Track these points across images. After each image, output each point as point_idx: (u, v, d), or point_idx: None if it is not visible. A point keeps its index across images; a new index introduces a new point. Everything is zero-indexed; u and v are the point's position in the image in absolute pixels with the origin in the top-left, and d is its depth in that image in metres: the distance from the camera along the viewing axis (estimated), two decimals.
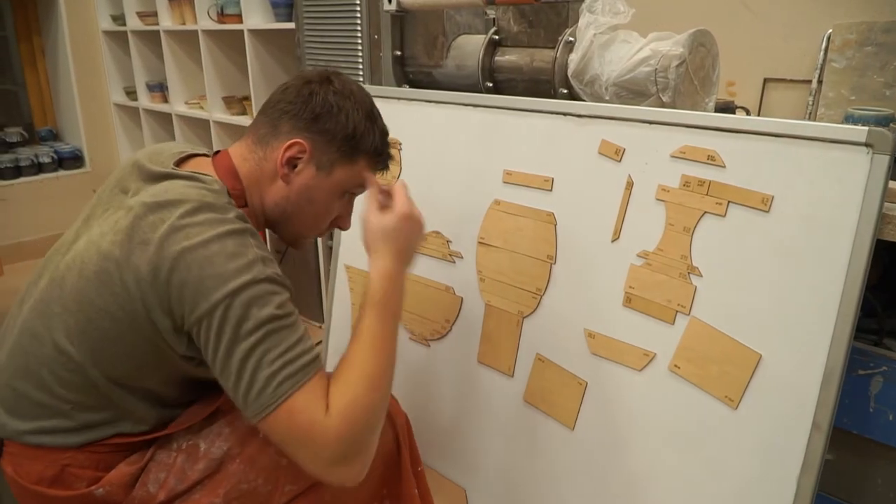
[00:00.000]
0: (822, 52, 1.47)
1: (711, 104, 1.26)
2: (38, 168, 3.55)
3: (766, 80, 1.58)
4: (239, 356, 0.84)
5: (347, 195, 1.07)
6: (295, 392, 0.84)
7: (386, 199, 1.07)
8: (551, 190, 1.26)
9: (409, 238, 1.05)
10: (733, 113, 1.42)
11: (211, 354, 0.86)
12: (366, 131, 1.02)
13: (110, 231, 0.90)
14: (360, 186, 1.07)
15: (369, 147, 1.03)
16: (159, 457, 0.99)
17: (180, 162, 0.99)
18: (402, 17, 1.62)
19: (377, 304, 0.96)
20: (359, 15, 1.64)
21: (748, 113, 1.48)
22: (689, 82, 1.20)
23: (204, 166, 1.00)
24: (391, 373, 0.94)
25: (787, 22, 1.54)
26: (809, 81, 1.51)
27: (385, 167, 1.08)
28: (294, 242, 1.11)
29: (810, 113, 1.49)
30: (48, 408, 0.93)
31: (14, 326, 0.98)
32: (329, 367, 1.59)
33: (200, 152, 1.04)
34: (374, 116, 1.04)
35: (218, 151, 1.05)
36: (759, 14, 1.57)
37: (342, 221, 1.10)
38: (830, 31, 1.46)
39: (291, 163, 1.00)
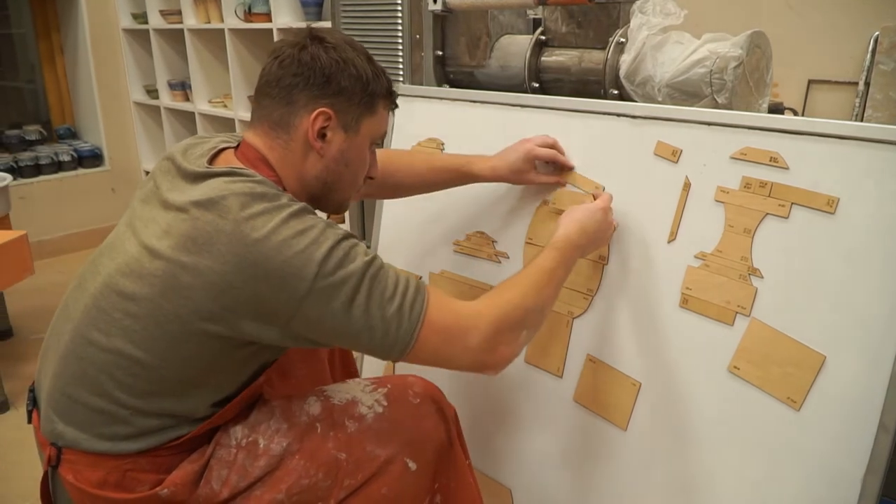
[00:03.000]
0: (869, 55, 1.47)
1: (765, 106, 1.26)
2: (57, 166, 3.56)
3: (810, 82, 1.58)
4: (359, 312, 0.89)
5: (373, 146, 1.08)
6: (426, 308, 0.92)
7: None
8: (604, 190, 1.26)
9: (593, 226, 1.13)
10: (782, 114, 1.42)
11: (328, 326, 0.89)
12: (374, 76, 1.01)
13: (164, 235, 0.90)
14: (384, 133, 1.08)
15: (383, 90, 1.03)
16: (219, 454, 0.99)
17: (211, 160, 0.99)
18: (443, 17, 1.62)
19: (557, 248, 1.06)
20: (400, 15, 1.64)
21: (796, 114, 1.49)
22: (744, 84, 1.20)
23: (232, 161, 1.00)
24: (548, 302, 1.03)
25: (833, 24, 1.55)
26: (855, 83, 1.51)
27: (396, 105, 1.10)
28: (339, 209, 1.11)
29: (857, 115, 1.49)
30: (106, 414, 0.92)
31: (63, 333, 0.97)
32: (364, 371, 1.59)
33: (229, 146, 1.04)
34: (371, 58, 1.03)
35: (238, 145, 1.04)
36: (803, 16, 1.57)
37: (372, 170, 1.10)
38: (878, 33, 1.46)
39: (321, 133, 0.99)
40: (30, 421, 1.03)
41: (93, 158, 3.68)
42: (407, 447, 1.07)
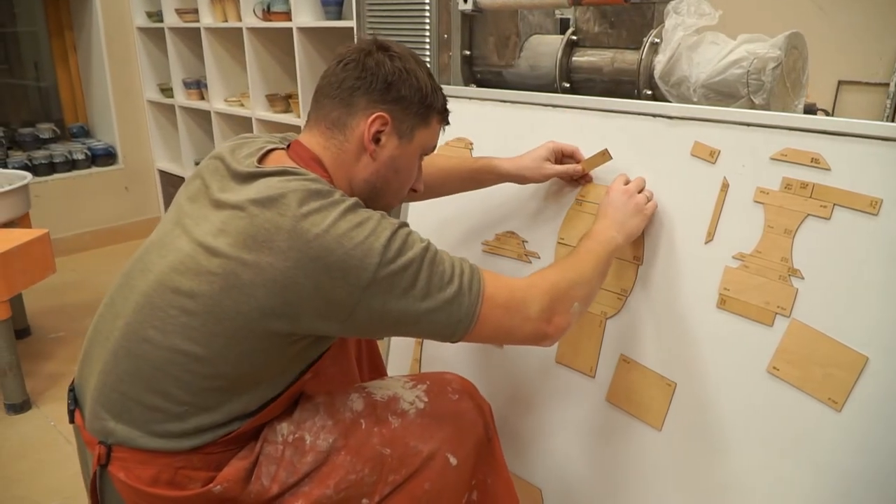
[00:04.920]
0: None
1: (800, 106, 1.26)
2: (71, 165, 3.57)
3: (840, 83, 1.58)
4: (421, 296, 0.91)
5: (421, 158, 1.11)
6: (483, 286, 0.95)
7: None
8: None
9: (620, 211, 1.17)
10: (815, 114, 1.42)
11: (391, 314, 0.91)
12: (432, 90, 1.05)
13: (219, 232, 0.91)
14: (433, 147, 1.11)
15: (439, 105, 1.07)
16: (267, 450, 1.00)
17: (260, 160, 1.00)
18: (472, 17, 1.62)
19: (590, 237, 1.12)
20: (428, 14, 1.64)
21: (828, 115, 1.48)
22: (782, 84, 1.20)
23: (284, 160, 1.02)
24: (595, 280, 1.07)
25: (862, 25, 1.54)
26: (885, 84, 1.51)
27: (448, 122, 1.12)
28: None
29: (888, 116, 1.49)
30: (162, 411, 0.93)
31: (113, 331, 0.97)
32: (390, 370, 1.59)
33: (277, 146, 1.06)
34: (431, 74, 1.07)
35: (289, 144, 1.06)
36: (833, 17, 1.57)
37: (417, 184, 1.13)
38: None
39: (376, 137, 1.01)
40: (72, 420, 1.03)
41: (106, 157, 3.68)
42: (448, 442, 1.08)
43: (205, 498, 0.94)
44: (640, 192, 1.20)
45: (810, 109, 1.41)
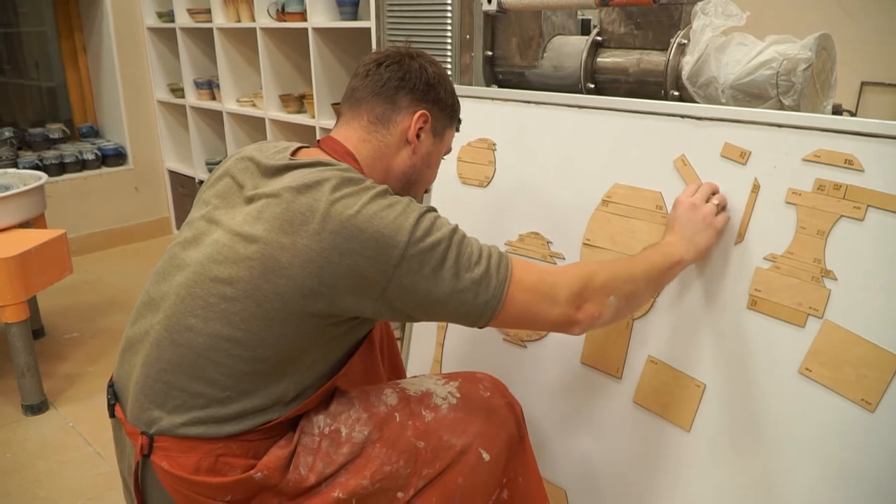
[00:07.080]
0: None
1: (829, 107, 1.26)
2: (81, 165, 3.56)
3: (863, 84, 1.58)
4: (449, 276, 0.93)
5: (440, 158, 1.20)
6: (511, 269, 0.97)
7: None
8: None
9: (687, 224, 1.13)
10: (840, 115, 1.42)
11: (421, 293, 0.93)
12: (456, 97, 1.16)
13: (257, 220, 0.95)
14: (450, 150, 1.20)
15: (459, 110, 1.18)
16: (304, 441, 1.02)
17: (293, 154, 1.06)
18: (494, 17, 1.62)
19: (654, 247, 1.11)
20: (450, 15, 1.64)
21: (852, 115, 1.48)
22: (811, 85, 1.20)
23: (318, 154, 1.07)
24: (641, 282, 1.05)
25: (885, 27, 1.54)
26: None
27: (459, 130, 1.21)
28: None
29: None
30: (204, 397, 0.96)
31: (154, 324, 1.00)
32: (410, 372, 1.59)
33: (304, 145, 1.11)
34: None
35: (319, 140, 1.12)
36: (856, 18, 1.57)
37: (431, 183, 1.22)
38: None
39: (417, 133, 1.10)
40: (112, 415, 1.06)
41: (116, 157, 3.68)
42: (481, 437, 1.10)
43: (245, 484, 0.97)
44: (708, 200, 1.16)
45: (837, 110, 1.41)
